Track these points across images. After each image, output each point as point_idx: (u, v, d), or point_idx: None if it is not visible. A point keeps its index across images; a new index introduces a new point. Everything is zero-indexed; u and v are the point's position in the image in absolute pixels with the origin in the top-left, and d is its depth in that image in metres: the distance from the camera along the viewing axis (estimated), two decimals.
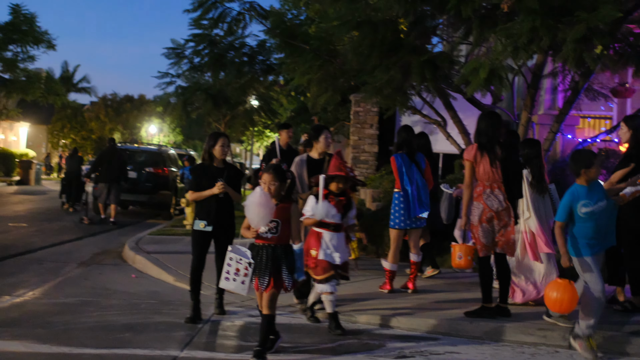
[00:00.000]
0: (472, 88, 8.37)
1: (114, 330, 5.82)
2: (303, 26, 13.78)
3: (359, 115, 14.47)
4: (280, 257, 5.07)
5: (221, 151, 6.41)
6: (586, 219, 5.25)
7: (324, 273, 5.87)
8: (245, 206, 4.99)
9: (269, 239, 5.10)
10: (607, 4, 6.83)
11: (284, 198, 5.21)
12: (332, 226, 5.91)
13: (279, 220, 5.11)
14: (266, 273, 5.03)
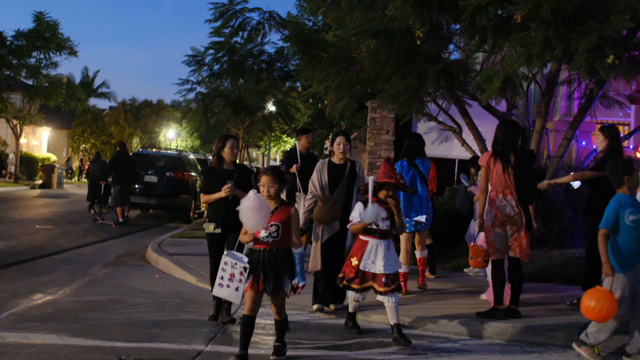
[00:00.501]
0: (487, 96, 8.61)
1: (142, 326, 6.12)
2: (320, 33, 14.06)
3: (376, 121, 14.66)
4: (281, 261, 5.00)
5: (230, 153, 6.39)
6: (633, 228, 5.27)
7: (360, 283, 5.78)
8: (239, 211, 4.88)
9: (269, 243, 5.01)
10: (619, 14, 7.04)
11: (284, 201, 5.15)
12: (379, 233, 5.79)
13: (279, 224, 5.02)
14: (270, 277, 4.97)
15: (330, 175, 6.91)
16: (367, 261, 5.74)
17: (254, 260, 5.01)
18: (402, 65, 9.36)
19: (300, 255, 5.05)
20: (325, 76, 11.09)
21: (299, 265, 5.03)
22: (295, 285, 4.99)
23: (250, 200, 4.84)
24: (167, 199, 16.79)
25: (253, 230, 4.91)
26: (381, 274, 5.69)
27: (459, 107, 10.46)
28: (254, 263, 4.99)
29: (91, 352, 5.19)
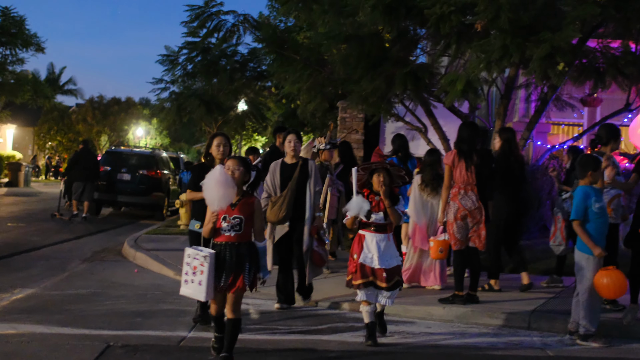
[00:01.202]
0: (450, 98, 9.16)
1: (126, 316, 6.48)
2: (292, 33, 14.45)
3: (346, 121, 15.20)
4: (244, 255, 4.84)
5: (217, 150, 6.18)
6: (600, 215, 5.85)
7: (361, 278, 5.57)
8: (204, 185, 4.75)
9: (232, 236, 4.85)
10: (569, 25, 7.61)
11: (247, 193, 4.98)
12: (374, 226, 5.65)
13: (242, 217, 4.86)
14: (230, 272, 4.80)
15: (283, 175, 6.85)
16: (366, 255, 5.62)
17: (217, 254, 4.85)
18: (372, 68, 9.83)
19: (263, 248, 4.98)
20: (298, 77, 11.51)
21: (262, 258, 4.95)
22: (260, 278, 4.92)
23: (216, 174, 4.72)
24: (140, 197, 16.99)
25: (217, 206, 4.72)
26: (380, 269, 5.57)
27: (425, 108, 10.99)
28: (216, 258, 4.83)
29: (79, 339, 5.54)
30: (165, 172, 17.96)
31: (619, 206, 6.81)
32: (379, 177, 5.65)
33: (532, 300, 7.10)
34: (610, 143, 6.93)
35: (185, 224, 13.00)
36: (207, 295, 4.78)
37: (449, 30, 8.43)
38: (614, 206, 6.60)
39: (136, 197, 16.97)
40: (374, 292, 5.61)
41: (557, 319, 6.45)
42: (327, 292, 7.43)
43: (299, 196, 6.78)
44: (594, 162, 5.99)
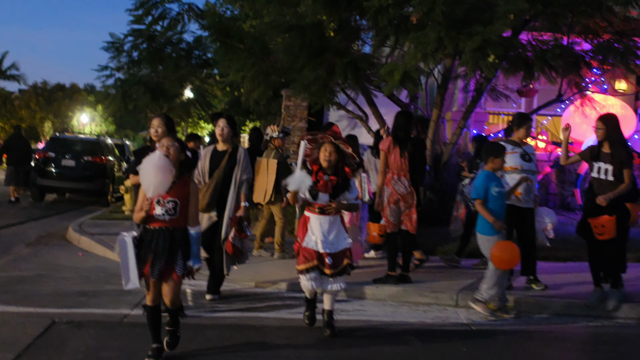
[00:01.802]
0: (389, 88, 9.53)
1: (71, 295, 6.65)
2: (238, 21, 14.60)
3: (290, 109, 15.46)
4: (178, 241, 4.58)
5: (154, 133, 5.96)
6: (498, 198, 6.29)
7: (304, 263, 5.36)
8: (141, 170, 4.51)
9: (166, 221, 4.57)
10: (499, 19, 8.06)
11: (182, 174, 4.71)
12: (318, 208, 5.38)
13: (177, 200, 4.58)
14: (162, 261, 4.53)
15: (212, 162, 6.57)
16: (310, 238, 5.39)
17: (147, 240, 4.58)
18: (314, 58, 10.14)
19: (197, 235, 4.66)
20: (242, 66, 11.73)
21: (195, 245, 4.64)
22: (190, 268, 4.61)
23: (155, 158, 4.48)
24: (85, 183, 16.95)
25: (154, 192, 4.46)
26: (324, 254, 5.34)
27: (366, 97, 11.37)
28: (147, 244, 4.56)
29: (26, 317, 5.71)
30: (110, 159, 17.92)
31: (529, 190, 7.07)
32: (325, 151, 5.36)
33: (460, 281, 7.55)
34: (520, 129, 7.21)
35: (130, 209, 13.09)
36: (129, 284, 4.49)
37: (386, 23, 8.79)
38: (522, 190, 6.90)
39: (81, 183, 16.93)
40: (319, 277, 5.41)
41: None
42: (269, 274, 7.72)
43: (226, 184, 6.49)
44: (495, 149, 6.44)
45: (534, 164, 7.25)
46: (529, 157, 7.22)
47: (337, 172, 5.37)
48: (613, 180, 6.46)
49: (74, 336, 5.15)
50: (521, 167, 7.15)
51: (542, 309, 6.73)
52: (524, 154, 7.19)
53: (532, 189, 7.17)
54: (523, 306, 6.72)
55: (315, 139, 5.46)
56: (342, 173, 5.39)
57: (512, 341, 5.73)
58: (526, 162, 7.19)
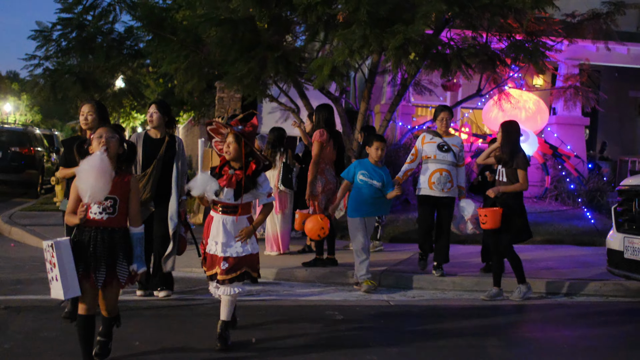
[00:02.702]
0: (318, 82, 9.94)
1: (6, 284, 6.79)
2: (171, 11, 14.67)
3: (223, 100, 15.69)
4: (118, 243, 4.15)
5: (83, 121, 5.58)
6: (362, 187, 6.87)
7: (208, 269, 4.86)
8: (78, 173, 4.04)
9: (104, 220, 4.12)
10: (420, 19, 8.57)
11: (121, 167, 4.28)
12: (222, 207, 4.81)
13: (116, 197, 4.15)
14: (100, 264, 4.09)
15: (146, 151, 6.17)
16: (212, 242, 4.84)
17: (83, 242, 4.10)
18: (246, 51, 10.42)
19: (140, 235, 4.24)
20: (175, 58, 11.89)
21: (138, 247, 4.22)
22: (134, 272, 4.20)
23: (96, 160, 4.02)
24: (13, 174, 16.71)
25: (92, 199, 3.99)
26: (220, 257, 4.77)
27: (298, 90, 11.73)
28: (83, 247, 4.09)
29: None
30: (38, 149, 17.70)
31: (444, 181, 7.29)
32: (225, 143, 4.83)
33: (384, 262, 8.07)
34: (436, 120, 7.64)
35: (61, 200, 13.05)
36: (69, 292, 4.01)
37: (315, 20, 9.18)
38: (435, 179, 7.28)
39: (8, 174, 16.67)
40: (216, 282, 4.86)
41: (403, 277, 7.45)
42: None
43: (163, 175, 6.13)
44: (367, 140, 7.14)
45: (452, 154, 7.39)
46: (447, 147, 7.40)
47: (242, 167, 4.75)
48: (506, 182, 6.81)
49: (13, 320, 5.35)
50: (434, 156, 7.37)
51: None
52: (442, 145, 7.40)
53: (453, 180, 7.35)
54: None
55: (217, 129, 4.92)
56: (248, 168, 4.77)
57: (423, 313, 6.27)
58: (442, 152, 7.37)
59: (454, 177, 7.43)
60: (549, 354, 5.17)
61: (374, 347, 5.03)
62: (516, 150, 6.82)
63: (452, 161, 7.43)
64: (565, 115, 14.22)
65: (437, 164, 7.37)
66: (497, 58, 10.12)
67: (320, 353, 4.85)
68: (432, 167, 7.38)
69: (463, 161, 7.57)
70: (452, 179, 7.39)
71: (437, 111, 7.64)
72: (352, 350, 4.95)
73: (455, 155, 7.46)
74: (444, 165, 7.37)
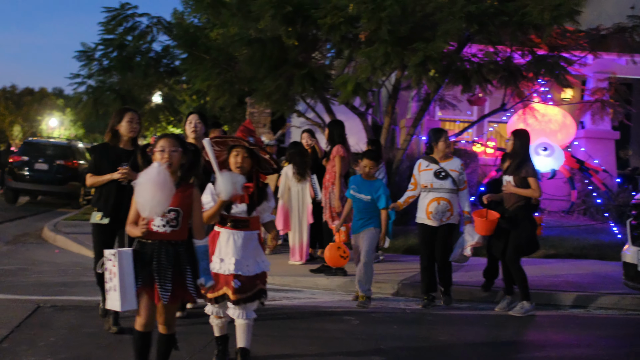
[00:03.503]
0: (342, 98, 10.42)
1: (51, 285, 7.39)
2: (206, 30, 15.35)
3: (254, 115, 16.32)
4: (183, 257, 3.97)
5: (129, 128, 5.38)
6: (354, 200, 6.93)
7: (213, 290, 4.48)
8: (137, 186, 3.84)
9: (167, 233, 3.94)
10: (440, 37, 8.98)
11: (184, 179, 4.08)
12: (231, 221, 4.55)
13: (179, 210, 3.97)
14: (168, 279, 3.90)
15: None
16: (216, 259, 4.54)
17: (145, 256, 3.94)
18: (274, 69, 10.97)
19: (204, 249, 4.04)
20: (207, 75, 12.50)
21: (203, 260, 4.03)
22: (201, 286, 4.01)
23: (154, 172, 3.83)
24: (57, 186, 17.54)
25: (150, 213, 3.80)
26: (231, 275, 4.47)
27: (325, 105, 12.23)
28: (145, 260, 3.93)
29: (13, 302, 6.43)
30: (81, 162, 18.53)
31: (441, 210, 7.01)
32: (236, 157, 4.57)
33: (402, 273, 8.44)
34: (439, 144, 7.16)
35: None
36: (126, 304, 3.85)
37: (339, 39, 9.67)
38: (432, 209, 7.01)
39: (53, 186, 17.52)
40: (226, 303, 4.57)
41: (419, 287, 7.78)
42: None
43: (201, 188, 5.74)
44: (368, 151, 7.21)
45: (451, 181, 7.01)
46: (445, 174, 7.01)
47: (251, 179, 4.55)
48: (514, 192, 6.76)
49: (57, 317, 5.89)
50: (431, 185, 7.03)
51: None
52: (439, 171, 7.02)
53: (453, 207, 7.01)
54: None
55: (225, 141, 4.66)
56: (257, 180, 4.62)
57: (437, 320, 6.64)
58: (439, 179, 7.01)
59: (454, 204, 7.05)
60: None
61: (385, 350, 5.42)
62: (526, 159, 6.85)
63: (451, 188, 7.03)
64: (593, 129, 14.36)
65: (435, 193, 7.02)
66: (518, 73, 10.43)
67: (333, 353, 5.27)
68: (429, 196, 7.04)
69: (464, 184, 7.11)
70: (451, 207, 7.02)
71: (436, 135, 7.21)
72: (364, 351, 5.34)
73: (455, 180, 7.04)
74: (441, 194, 7.00)
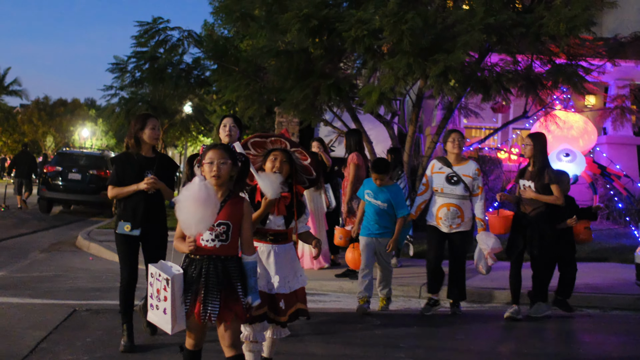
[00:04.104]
0: (367, 107, 10.65)
1: (86, 291, 7.73)
2: (236, 40, 15.75)
3: (282, 124, 16.63)
4: (233, 273, 3.74)
5: (152, 135, 5.18)
6: (369, 205, 6.83)
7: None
8: (178, 203, 3.64)
9: (216, 249, 3.73)
10: (459, 48, 9.18)
11: (233, 191, 3.88)
12: (271, 236, 4.30)
13: (229, 223, 3.75)
14: (217, 297, 3.67)
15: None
16: (257, 276, 4.04)
17: (192, 273, 3.73)
18: (301, 79, 11.25)
19: (253, 265, 3.80)
20: (237, 86, 12.83)
21: (252, 277, 3.79)
22: (248, 305, 3.75)
23: (195, 189, 3.63)
24: (90, 196, 18.02)
25: (195, 231, 3.62)
26: (278, 295, 4.23)
27: (351, 114, 12.47)
28: (192, 277, 3.72)
29: (51, 306, 6.76)
30: None
31: (452, 216, 6.80)
32: (273, 162, 4.28)
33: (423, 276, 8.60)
34: (446, 145, 7.02)
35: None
36: (177, 326, 3.69)
37: (363, 51, 9.92)
38: (442, 215, 6.82)
39: (86, 195, 18.02)
40: (264, 325, 4.31)
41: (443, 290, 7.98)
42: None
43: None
44: (374, 164, 6.90)
45: (462, 186, 6.73)
46: (457, 179, 6.73)
47: (289, 188, 4.31)
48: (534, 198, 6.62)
49: (93, 319, 6.21)
50: (441, 189, 6.79)
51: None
52: (451, 176, 6.76)
53: (464, 214, 6.76)
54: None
55: (264, 143, 4.33)
56: (295, 190, 4.38)
57: (455, 321, 6.82)
58: (451, 184, 6.75)
59: (465, 211, 6.77)
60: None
61: (404, 347, 5.64)
62: (547, 163, 6.73)
63: (462, 194, 6.74)
64: (615, 135, 14.45)
65: (445, 198, 6.76)
66: (538, 82, 10.58)
67: (353, 349, 5.51)
68: (439, 201, 6.81)
69: (478, 190, 6.78)
70: (462, 214, 6.74)
71: (447, 134, 7.01)
72: (383, 349, 5.57)
73: (467, 186, 6.74)
74: (452, 200, 6.73)
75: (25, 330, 5.66)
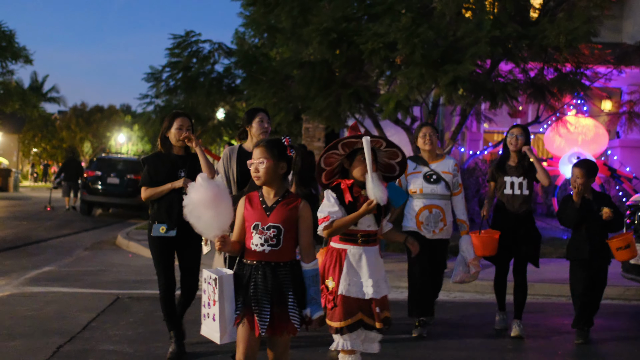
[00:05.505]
0: (385, 114, 11.38)
1: (127, 282, 8.62)
2: (265, 48, 16.65)
3: (309, 130, 17.45)
4: (284, 281, 3.44)
5: (176, 135, 4.98)
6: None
7: (345, 317, 3.96)
8: (186, 208, 3.42)
9: (266, 253, 3.44)
10: (468, 59, 9.86)
11: (288, 191, 3.57)
12: (363, 237, 4.05)
13: (280, 226, 3.45)
14: (264, 307, 3.40)
15: (242, 167, 5.03)
16: (352, 280, 4.00)
17: (243, 278, 3.47)
18: (323, 89, 12.02)
19: (312, 273, 3.49)
20: (265, 95, 13.66)
21: (312, 286, 3.47)
22: (308, 318, 3.47)
23: (200, 189, 3.40)
24: (128, 199, 19.05)
25: (211, 234, 3.39)
26: (373, 301, 4.01)
27: (373, 120, 13.20)
28: (242, 283, 3.46)
29: (97, 295, 7.65)
30: None
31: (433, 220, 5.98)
32: (362, 162, 3.95)
33: None
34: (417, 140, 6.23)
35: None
36: (226, 336, 3.45)
37: (379, 62, 10.66)
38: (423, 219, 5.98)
39: (124, 198, 19.06)
40: (360, 334, 4.04)
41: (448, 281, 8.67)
42: None
43: None
44: None
45: (443, 185, 5.99)
46: (437, 177, 5.98)
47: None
48: (527, 194, 6.19)
49: (134, 305, 7.06)
50: (420, 190, 5.97)
51: None
52: (429, 174, 6.00)
53: (446, 217, 5.99)
54: None
55: (354, 143, 4.01)
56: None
57: (456, 308, 7.50)
58: (431, 184, 5.98)
59: (447, 214, 6.01)
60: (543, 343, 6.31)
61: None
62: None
63: (444, 193, 6.00)
64: (628, 139, 14.95)
65: (425, 200, 5.95)
66: (545, 89, 11.19)
67: None
68: (419, 203, 5.96)
69: (459, 188, 6.10)
70: (444, 217, 5.98)
71: (417, 128, 6.22)
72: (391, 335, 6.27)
73: (448, 184, 6.02)
74: (433, 201, 5.95)
75: (76, 313, 6.54)
